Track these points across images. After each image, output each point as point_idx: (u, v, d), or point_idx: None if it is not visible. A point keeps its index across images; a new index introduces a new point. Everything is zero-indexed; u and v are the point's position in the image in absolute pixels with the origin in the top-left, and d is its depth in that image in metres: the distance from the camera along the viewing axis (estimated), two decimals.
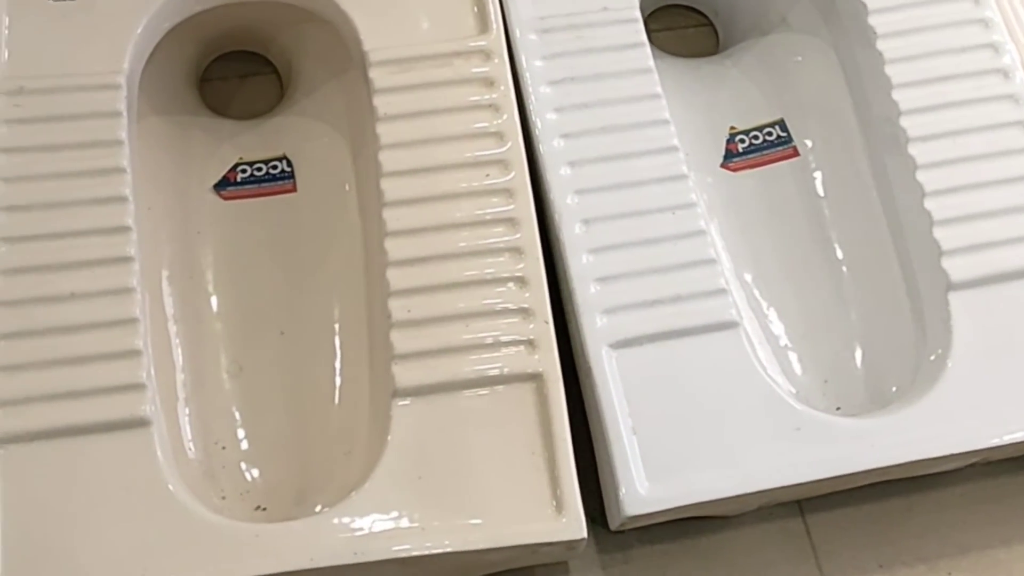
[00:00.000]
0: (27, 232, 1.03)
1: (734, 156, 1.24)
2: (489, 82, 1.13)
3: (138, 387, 0.97)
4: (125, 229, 1.04)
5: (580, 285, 1.05)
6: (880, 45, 1.17)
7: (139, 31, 1.12)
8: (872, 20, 1.19)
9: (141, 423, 0.96)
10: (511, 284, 1.04)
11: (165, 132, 1.19)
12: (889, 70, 1.16)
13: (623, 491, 0.99)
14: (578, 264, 1.06)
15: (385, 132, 1.10)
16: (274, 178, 1.19)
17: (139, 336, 0.99)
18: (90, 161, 1.06)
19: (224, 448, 1.06)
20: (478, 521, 0.96)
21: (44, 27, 1.12)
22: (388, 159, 1.09)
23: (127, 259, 1.02)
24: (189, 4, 1.17)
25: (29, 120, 1.07)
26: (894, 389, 1.10)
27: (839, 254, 1.19)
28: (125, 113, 1.08)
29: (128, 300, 1.01)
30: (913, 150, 1.13)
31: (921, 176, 1.12)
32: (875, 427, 1.03)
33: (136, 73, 1.12)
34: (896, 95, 1.15)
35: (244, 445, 1.07)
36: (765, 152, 1.24)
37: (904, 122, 1.14)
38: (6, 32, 1.11)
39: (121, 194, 1.05)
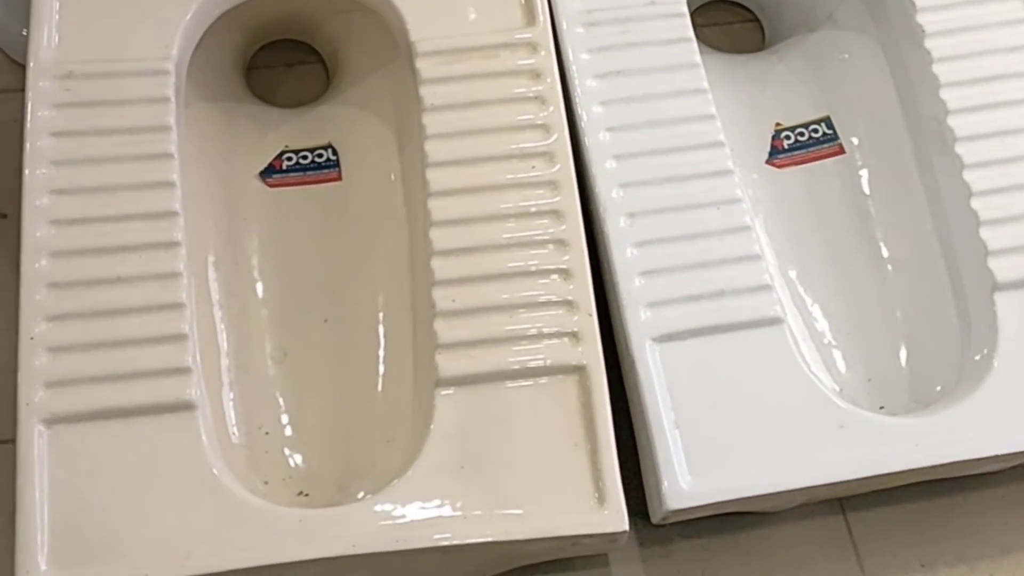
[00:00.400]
0: (75, 215, 1.04)
1: (779, 153, 1.24)
2: (536, 74, 1.13)
3: (184, 371, 0.98)
4: (173, 214, 1.04)
5: (624, 278, 1.05)
6: (928, 44, 1.17)
7: (188, 17, 1.13)
8: (921, 18, 1.18)
9: (186, 407, 0.97)
10: (555, 276, 1.04)
11: (212, 119, 1.19)
12: (937, 69, 1.16)
13: (665, 485, 0.99)
14: (622, 258, 1.06)
15: (431, 122, 1.10)
16: (319, 166, 1.20)
17: (185, 320, 1.00)
18: (138, 146, 1.07)
19: (267, 433, 1.07)
20: (519, 511, 0.96)
21: (94, 12, 1.13)
22: (434, 149, 1.09)
23: (174, 244, 1.03)
24: None
25: (78, 104, 1.08)
26: (939, 389, 1.09)
27: (884, 252, 1.19)
28: (173, 99, 1.09)
29: (175, 285, 1.01)
30: (960, 149, 1.13)
31: (968, 176, 1.12)
32: (919, 427, 1.03)
33: (184, 60, 1.13)
34: (944, 94, 1.15)
35: (287, 431, 1.08)
36: (811, 149, 1.24)
37: (951, 121, 1.14)
38: (56, 17, 1.12)
39: (169, 179, 1.06)
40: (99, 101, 1.08)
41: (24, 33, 1.13)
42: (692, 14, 1.21)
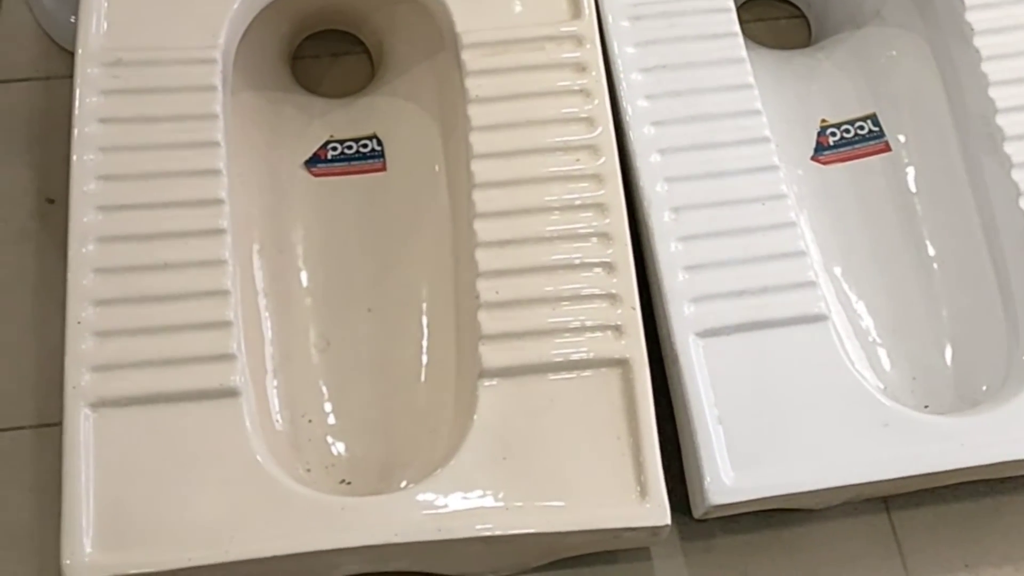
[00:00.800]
0: (122, 201, 1.04)
1: (825, 149, 1.23)
2: (581, 67, 1.13)
3: (228, 358, 0.98)
4: (218, 202, 1.04)
5: (668, 273, 1.05)
6: (977, 42, 1.16)
7: (235, 6, 1.13)
8: (969, 16, 1.17)
9: (231, 393, 0.97)
10: (599, 269, 1.04)
11: (258, 108, 1.20)
12: (986, 67, 1.15)
13: (708, 480, 0.98)
14: (666, 252, 1.06)
15: (476, 114, 1.10)
16: (364, 156, 1.20)
17: (230, 308, 1.00)
18: (185, 134, 1.07)
19: (311, 421, 1.07)
20: (562, 504, 0.96)
21: (142, 0, 1.13)
22: (479, 141, 1.09)
23: (220, 231, 1.03)
24: None
25: (126, 91, 1.09)
26: (984, 388, 1.09)
27: (930, 251, 1.18)
28: (220, 87, 1.09)
29: (220, 272, 1.02)
30: (1009, 148, 1.12)
31: (1016, 175, 1.11)
32: (964, 426, 1.02)
33: (231, 48, 1.13)
34: (993, 92, 1.14)
35: (331, 419, 1.08)
36: (856, 146, 1.23)
37: (1000, 120, 1.13)
38: (105, 4, 1.12)
39: (215, 167, 1.06)
40: (147, 88, 1.09)
41: (72, 20, 1.14)
42: (738, 9, 1.21)
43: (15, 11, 1.32)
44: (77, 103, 1.07)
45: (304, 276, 1.15)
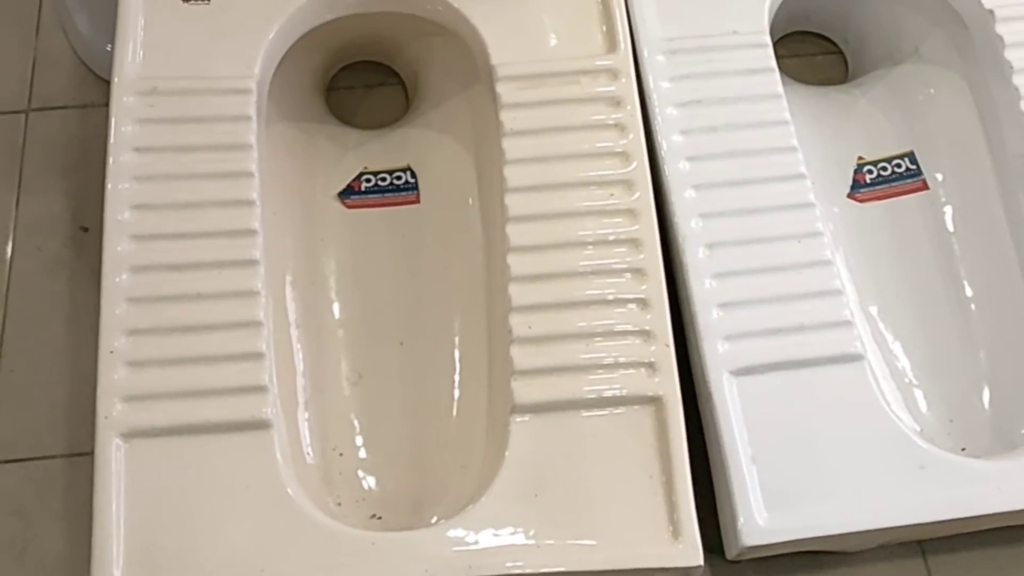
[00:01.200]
0: (156, 231, 1.04)
1: (861, 187, 1.22)
2: (616, 101, 1.13)
3: (260, 390, 0.98)
4: (252, 232, 1.04)
5: (702, 310, 1.04)
6: (1017, 80, 1.15)
7: (271, 37, 1.13)
8: (1008, 54, 1.16)
9: (262, 425, 0.97)
10: (633, 305, 1.04)
11: (292, 138, 1.20)
12: None
13: (741, 520, 0.97)
14: (701, 289, 1.05)
15: (511, 147, 1.10)
16: (398, 188, 1.20)
17: (262, 339, 1.00)
18: (220, 164, 1.07)
19: (341, 455, 1.07)
20: (593, 542, 0.95)
21: (178, 29, 1.14)
22: (513, 174, 1.09)
23: (253, 262, 1.03)
24: (320, 12, 1.18)
25: (161, 120, 1.09)
26: (1022, 431, 1.07)
27: (968, 291, 1.17)
28: (255, 118, 1.10)
29: (253, 303, 1.02)
30: None
31: None
32: (1002, 470, 1.01)
33: (266, 78, 1.13)
34: None
35: (362, 453, 1.08)
36: (893, 184, 1.23)
37: None
38: (141, 33, 1.13)
39: (249, 198, 1.06)
40: (182, 118, 1.09)
41: (108, 48, 1.14)
42: (775, 44, 1.20)
43: (51, 38, 1.33)
44: (112, 132, 1.08)
45: (336, 308, 1.15)
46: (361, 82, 1.30)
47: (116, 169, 1.06)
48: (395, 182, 1.20)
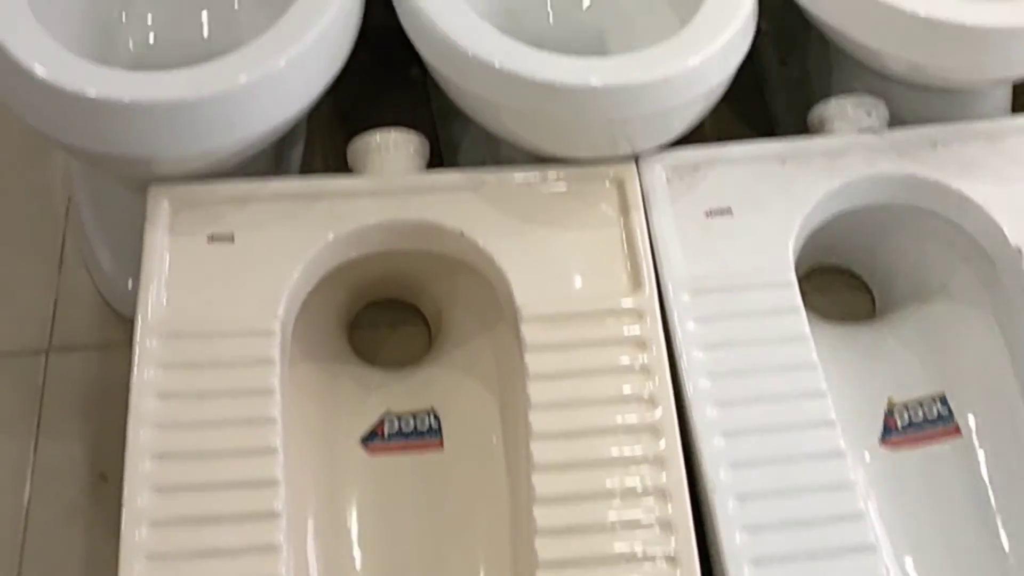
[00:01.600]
0: (177, 481, 1.02)
1: (893, 432, 1.20)
2: (641, 343, 1.12)
3: None
4: (274, 482, 1.03)
5: (733, 565, 1.01)
6: None
7: (295, 276, 1.13)
8: None
9: None
10: (662, 562, 1.01)
11: (315, 380, 1.19)
12: None
13: None
14: (731, 544, 1.02)
15: (536, 391, 1.09)
16: (421, 433, 1.19)
17: None
18: (242, 410, 1.06)
19: None
20: None
21: (203, 269, 1.13)
22: (538, 420, 1.07)
23: (275, 514, 1.01)
24: (345, 250, 1.18)
25: (184, 365, 1.08)
26: None
27: (1006, 545, 1.14)
28: (278, 360, 1.09)
29: (274, 558, 0.99)
30: None
31: None
32: None
33: (291, 319, 1.13)
34: None
35: None
36: (925, 429, 1.21)
37: None
38: (166, 273, 1.13)
39: (272, 445, 1.04)
40: (206, 362, 1.08)
41: (130, 286, 1.14)
42: (800, 280, 1.19)
43: (74, 275, 1.34)
44: (135, 376, 1.07)
45: (359, 558, 1.12)
46: (384, 320, 1.30)
47: (137, 416, 1.05)
48: (419, 427, 1.19)
